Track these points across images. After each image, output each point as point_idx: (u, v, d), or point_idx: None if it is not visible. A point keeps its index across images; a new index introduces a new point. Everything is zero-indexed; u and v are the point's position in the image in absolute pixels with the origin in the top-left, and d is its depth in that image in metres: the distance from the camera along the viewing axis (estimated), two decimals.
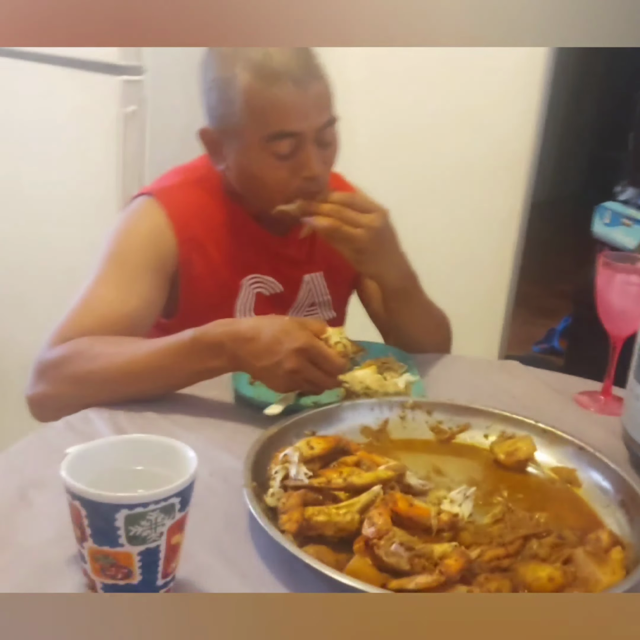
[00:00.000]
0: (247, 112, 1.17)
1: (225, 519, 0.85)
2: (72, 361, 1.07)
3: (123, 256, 1.21)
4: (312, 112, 1.17)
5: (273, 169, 1.19)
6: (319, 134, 1.19)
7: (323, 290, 1.40)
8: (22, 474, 0.90)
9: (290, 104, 1.15)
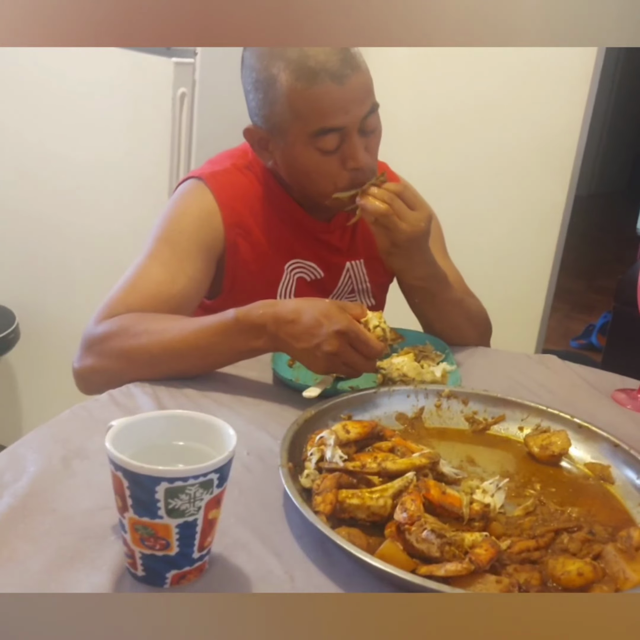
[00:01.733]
0: (289, 111, 1.18)
1: (260, 498, 0.87)
2: (118, 337, 1.10)
3: (173, 237, 1.23)
4: (353, 105, 1.18)
5: (320, 164, 1.20)
6: (362, 124, 1.20)
7: (363, 278, 1.41)
8: (66, 443, 0.92)
9: (330, 101, 1.16)
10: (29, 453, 0.90)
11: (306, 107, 1.17)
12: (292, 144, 1.21)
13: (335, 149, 1.19)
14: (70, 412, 1.00)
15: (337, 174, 1.21)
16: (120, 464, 0.69)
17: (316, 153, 1.20)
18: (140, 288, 1.17)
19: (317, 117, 1.17)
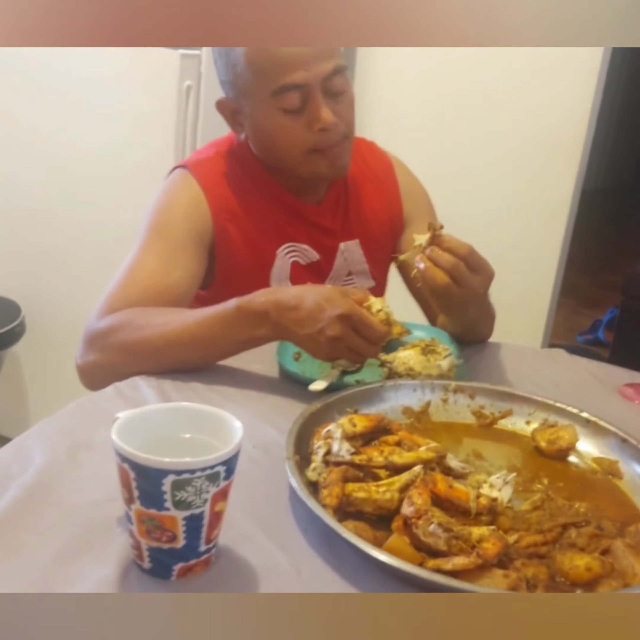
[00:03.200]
0: (249, 70, 1.18)
1: (266, 491, 0.87)
2: (120, 331, 1.10)
3: (163, 228, 1.24)
4: (314, 62, 1.16)
5: (285, 126, 1.20)
6: (326, 84, 1.19)
7: (359, 259, 1.40)
8: (72, 436, 0.92)
9: (289, 56, 1.15)
10: (36, 445, 0.90)
11: (265, 63, 1.17)
12: (256, 106, 1.21)
13: (299, 109, 1.19)
14: (77, 405, 1.00)
15: (303, 136, 1.21)
16: (127, 455, 0.69)
17: (279, 113, 1.19)
18: (136, 281, 1.18)
19: (276, 74, 1.16)
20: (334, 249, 1.37)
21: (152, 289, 1.17)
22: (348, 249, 1.38)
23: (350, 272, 1.40)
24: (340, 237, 1.37)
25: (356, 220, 1.38)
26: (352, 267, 1.39)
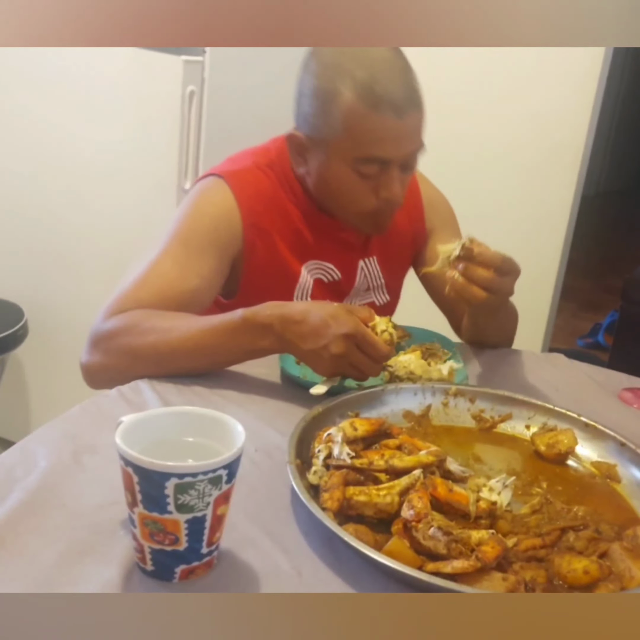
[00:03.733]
0: (343, 129, 1.17)
1: (268, 494, 0.87)
2: (125, 334, 1.10)
3: (189, 235, 1.23)
4: (405, 141, 1.18)
5: (355, 186, 1.21)
6: (406, 160, 1.21)
7: (377, 275, 1.41)
8: (76, 439, 0.93)
9: (386, 132, 1.16)
10: (40, 448, 0.90)
11: (361, 131, 1.16)
12: (334, 160, 1.20)
13: (374, 176, 1.20)
14: (80, 408, 1.01)
15: (367, 198, 1.22)
16: (130, 459, 0.69)
17: (354, 175, 1.20)
18: (151, 284, 1.17)
19: (369, 145, 1.17)
20: (355, 266, 1.37)
21: (166, 294, 1.16)
22: (367, 266, 1.39)
23: (369, 287, 1.40)
24: (360, 253, 1.38)
25: (377, 237, 1.38)
26: (370, 283, 1.40)
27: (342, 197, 1.24)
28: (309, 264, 1.33)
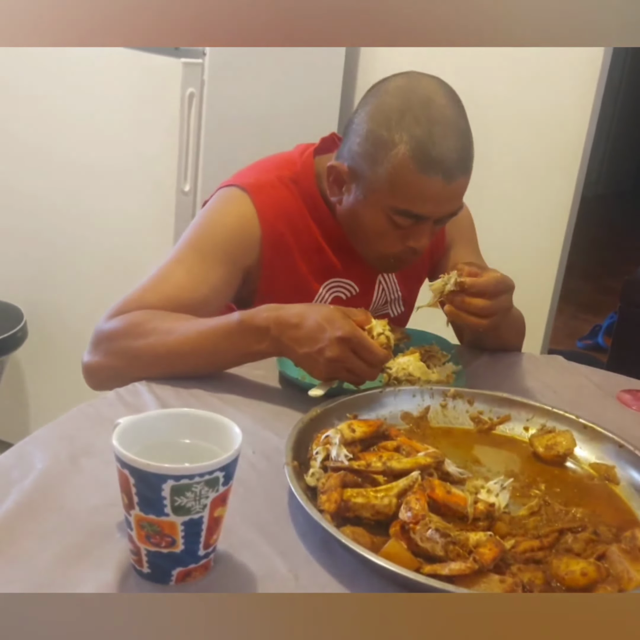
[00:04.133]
0: (388, 181, 1.15)
1: (265, 496, 0.87)
2: (125, 335, 1.10)
3: (204, 245, 1.21)
4: (447, 203, 1.18)
5: (385, 233, 1.20)
6: (440, 219, 1.20)
7: (394, 288, 1.40)
8: (73, 441, 0.93)
9: (432, 195, 1.15)
10: (37, 450, 0.90)
11: (406, 187, 1.15)
12: (370, 203, 1.19)
13: (407, 227, 1.19)
14: (78, 410, 1.01)
15: (394, 244, 1.21)
16: (126, 461, 0.69)
17: (387, 223, 1.19)
18: (159, 290, 1.16)
19: (411, 202, 1.16)
20: (373, 281, 1.37)
21: (172, 300, 1.15)
22: (385, 280, 1.38)
23: (387, 301, 1.40)
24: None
25: None
26: (388, 296, 1.40)
27: (370, 239, 1.23)
28: (329, 282, 1.31)
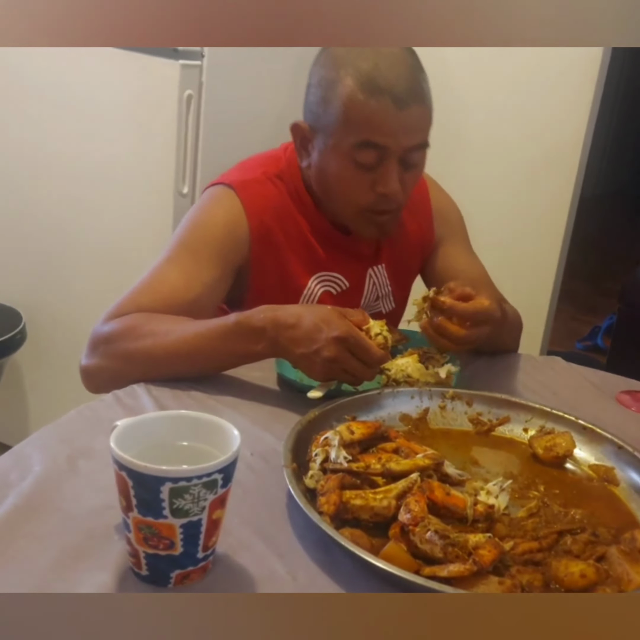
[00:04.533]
0: (341, 115, 1.17)
1: (264, 498, 0.87)
2: (122, 338, 1.10)
3: (195, 244, 1.22)
4: (403, 132, 1.17)
5: (352, 177, 1.20)
6: (405, 155, 1.20)
7: (385, 282, 1.40)
8: (71, 443, 0.93)
9: (384, 119, 1.16)
10: (35, 453, 0.90)
11: (358, 116, 1.16)
12: (332, 148, 1.20)
13: (371, 167, 1.19)
14: (76, 412, 1.01)
15: (364, 193, 1.21)
16: (124, 463, 0.69)
17: (352, 165, 1.19)
18: (154, 290, 1.17)
19: (365, 129, 1.17)
20: (363, 275, 1.37)
21: (168, 301, 1.15)
22: (375, 274, 1.38)
23: (378, 296, 1.40)
24: (369, 262, 1.37)
25: (387, 245, 1.37)
26: (379, 291, 1.40)
27: (340, 189, 1.23)
28: (318, 275, 1.32)
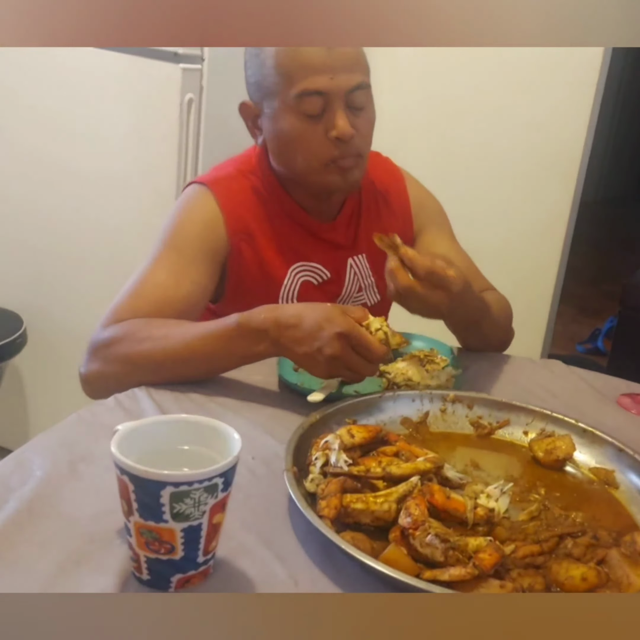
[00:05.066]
0: (276, 71, 1.20)
1: (265, 502, 0.87)
2: (122, 342, 1.11)
3: (178, 243, 1.24)
4: (339, 73, 1.19)
5: (303, 130, 1.22)
6: (348, 97, 1.21)
7: (367, 273, 1.41)
8: (72, 448, 0.93)
9: (316, 62, 1.18)
10: (36, 457, 0.90)
11: (292, 65, 1.19)
12: (278, 108, 1.22)
13: (319, 115, 1.21)
14: (77, 416, 1.01)
15: (320, 143, 1.22)
16: (125, 468, 0.69)
17: (299, 117, 1.21)
18: (145, 293, 1.18)
19: (301, 77, 1.19)
20: (344, 264, 1.38)
21: (160, 302, 1.17)
22: (356, 264, 1.39)
23: (361, 287, 1.40)
24: (349, 251, 1.38)
25: (365, 235, 1.38)
26: (362, 282, 1.40)
27: (296, 147, 1.24)
28: (296, 266, 1.33)
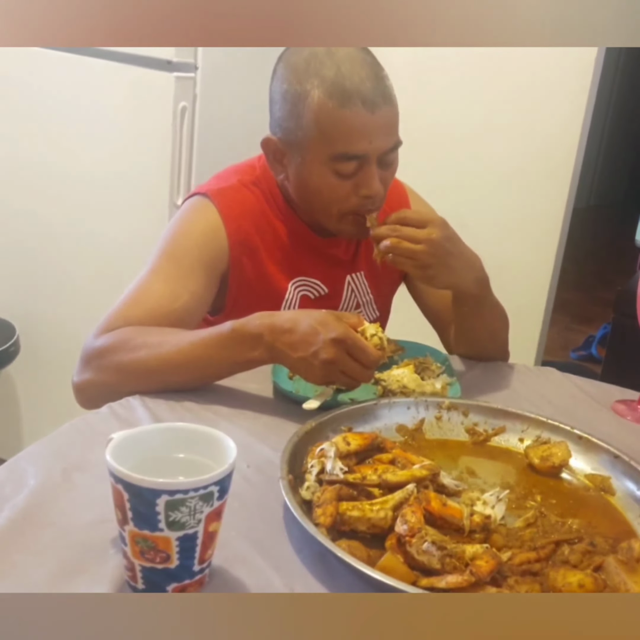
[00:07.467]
0: (315, 129, 1.17)
1: (260, 510, 0.87)
2: (115, 350, 1.10)
3: (177, 254, 1.23)
4: (379, 136, 1.18)
5: (334, 187, 1.21)
6: (382, 157, 1.20)
7: (365, 290, 1.41)
8: (66, 457, 0.92)
9: (359, 127, 1.16)
10: (29, 466, 0.90)
11: (333, 128, 1.17)
12: (310, 161, 1.20)
13: (352, 175, 1.20)
14: (71, 425, 1.00)
15: (347, 198, 1.22)
16: (120, 476, 0.69)
17: (332, 175, 1.20)
18: (141, 303, 1.17)
19: (342, 141, 1.17)
20: (342, 281, 1.38)
21: (156, 312, 1.16)
22: (354, 281, 1.39)
23: (359, 303, 1.40)
24: (348, 268, 1.38)
25: (365, 252, 1.38)
26: (359, 298, 1.40)
27: (322, 199, 1.23)
28: (296, 280, 1.32)
